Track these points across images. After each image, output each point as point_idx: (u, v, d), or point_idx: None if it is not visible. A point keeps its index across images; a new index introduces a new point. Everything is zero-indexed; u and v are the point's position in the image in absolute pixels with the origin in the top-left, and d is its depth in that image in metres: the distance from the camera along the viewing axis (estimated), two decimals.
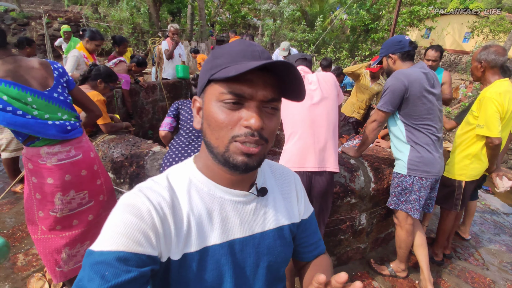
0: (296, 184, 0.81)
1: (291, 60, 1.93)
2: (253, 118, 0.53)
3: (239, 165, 0.56)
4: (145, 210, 0.53)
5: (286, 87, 0.59)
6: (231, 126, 0.55)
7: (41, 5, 15.69)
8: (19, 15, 10.39)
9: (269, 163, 0.80)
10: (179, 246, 0.57)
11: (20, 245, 2.29)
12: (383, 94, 1.93)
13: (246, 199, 0.66)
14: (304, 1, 13.64)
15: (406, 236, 2.05)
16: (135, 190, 0.58)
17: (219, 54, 0.58)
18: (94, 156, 1.68)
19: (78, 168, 1.57)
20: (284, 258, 0.73)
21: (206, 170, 0.64)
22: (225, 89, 0.54)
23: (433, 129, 1.89)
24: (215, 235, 0.61)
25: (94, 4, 11.34)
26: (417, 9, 8.89)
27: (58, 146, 1.49)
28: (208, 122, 0.57)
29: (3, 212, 2.70)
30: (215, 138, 0.56)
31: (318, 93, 1.71)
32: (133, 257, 0.49)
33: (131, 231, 0.51)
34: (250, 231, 0.66)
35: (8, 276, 2.00)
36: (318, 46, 9.58)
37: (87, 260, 0.49)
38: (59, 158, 1.50)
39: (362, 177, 2.07)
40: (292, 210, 0.76)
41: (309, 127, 1.68)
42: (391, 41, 1.96)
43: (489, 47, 2.00)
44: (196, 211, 0.60)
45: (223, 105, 0.55)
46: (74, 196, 1.57)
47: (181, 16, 12.08)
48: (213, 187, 0.63)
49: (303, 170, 1.64)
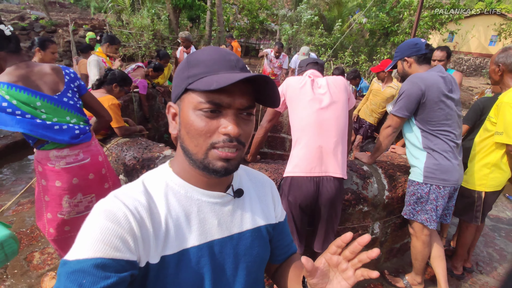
0: (272, 189, 0.83)
1: (303, 64, 1.91)
2: (231, 126, 0.55)
3: (219, 170, 0.58)
4: (122, 215, 0.53)
5: (262, 96, 0.61)
6: (210, 134, 0.56)
7: (69, 13, 16.49)
8: (47, 23, 10.96)
9: (245, 169, 0.82)
10: (157, 249, 0.57)
11: (37, 244, 2.37)
12: (398, 98, 1.86)
13: (223, 200, 0.67)
14: (322, 6, 13.57)
15: (423, 247, 1.95)
16: (110, 196, 0.57)
17: (194, 62, 0.58)
18: (103, 160, 1.71)
19: (85, 172, 1.60)
20: (262, 259, 0.74)
21: (183, 173, 0.64)
22: (204, 98, 0.55)
23: (452, 135, 1.80)
24: (193, 236, 0.61)
25: (117, 12, 11.78)
26: (439, 13, 8.63)
27: (66, 150, 1.54)
28: (186, 129, 0.58)
29: (23, 211, 2.81)
30: (194, 145, 0.58)
31: (327, 97, 1.68)
32: (112, 263, 0.48)
33: (108, 236, 0.50)
34: (228, 231, 0.67)
35: (24, 274, 2.08)
36: (336, 50, 9.47)
37: (63, 270, 0.48)
38: (67, 162, 1.54)
39: (376, 184, 2.00)
40: (268, 212, 0.77)
41: (316, 132, 1.64)
42: (407, 44, 1.90)
43: (509, 49, 1.89)
44: (173, 213, 0.60)
45: (201, 113, 0.56)
46: (82, 199, 1.61)
47: (199, 22, 12.33)
48: (190, 189, 0.63)
49: (310, 175, 1.60)
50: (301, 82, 1.74)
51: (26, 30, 10.42)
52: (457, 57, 17.94)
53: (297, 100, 1.72)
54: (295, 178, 1.62)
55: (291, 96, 1.75)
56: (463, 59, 17.84)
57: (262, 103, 0.63)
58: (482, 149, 2.02)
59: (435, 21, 8.81)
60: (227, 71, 0.57)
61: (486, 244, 2.83)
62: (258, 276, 0.74)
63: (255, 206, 0.74)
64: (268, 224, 0.76)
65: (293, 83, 1.75)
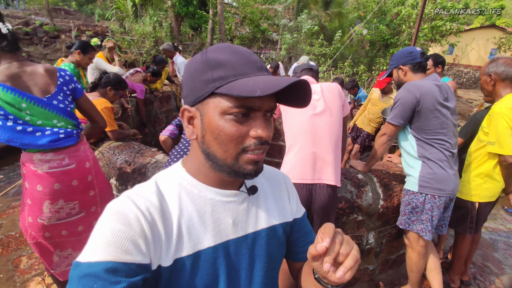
0: (287, 184, 0.80)
1: (297, 70, 1.90)
2: (262, 129, 0.55)
3: (250, 173, 0.57)
4: (133, 217, 0.52)
5: (292, 98, 0.60)
6: (241, 138, 0.55)
7: (74, 20, 16.73)
8: (50, 29, 11.07)
9: None
10: (169, 252, 0.55)
11: (25, 248, 2.33)
12: (393, 106, 1.85)
13: (237, 199, 0.65)
14: (323, 17, 13.74)
15: (418, 258, 1.90)
16: (122, 197, 0.56)
17: (215, 63, 0.55)
18: (90, 166, 1.66)
19: (69, 178, 1.55)
20: (278, 258, 0.72)
21: (196, 173, 0.63)
22: (235, 103, 0.53)
23: (447, 144, 1.77)
24: (208, 237, 0.60)
25: (120, 19, 11.93)
26: (439, 24, 8.70)
27: (51, 154, 1.49)
28: (214, 135, 0.56)
29: (14, 214, 2.77)
30: (223, 151, 0.56)
31: (321, 103, 1.66)
32: (122, 267, 0.48)
33: (119, 239, 0.49)
34: (243, 231, 0.65)
35: (10, 278, 2.02)
36: (336, 60, 9.53)
37: (74, 273, 0.47)
38: (50, 166, 1.49)
39: (370, 193, 1.97)
40: (284, 209, 0.75)
41: (310, 138, 1.62)
42: (402, 53, 1.89)
43: (497, 59, 1.88)
44: (186, 214, 0.59)
45: (231, 118, 0.54)
46: (63, 205, 1.55)
47: (201, 31, 12.46)
48: (203, 189, 0.62)
49: (303, 182, 1.57)
50: None
51: (29, 35, 10.53)
52: (456, 70, 18.05)
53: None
54: None
55: None
56: (463, 71, 17.94)
57: (291, 105, 0.62)
58: (475, 159, 2.00)
59: (435, 32, 8.89)
60: (257, 73, 0.55)
61: (484, 257, 2.77)
62: (273, 276, 0.72)
63: (270, 204, 0.72)
64: (284, 223, 0.73)
65: None
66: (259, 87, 0.49)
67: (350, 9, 12.09)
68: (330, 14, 13.59)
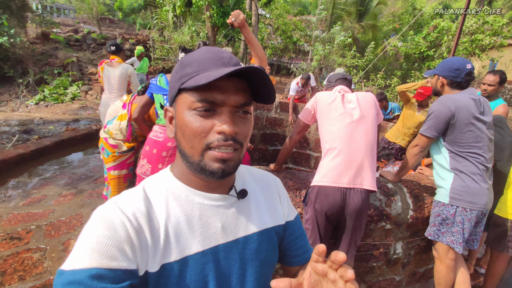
0: (277, 186, 0.79)
1: (332, 79, 1.99)
2: (226, 124, 0.54)
3: (216, 171, 0.56)
4: (119, 223, 0.51)
5: (257, 91, 0.60)
6: (205, 134, 0.55)
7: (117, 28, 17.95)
8: (98, 36, 12.03)
9: (248, 168, 0.79)
10: (156, 257, 0.54)
11: (74, 232, 2.58)
12: (427, 118, 1.88)
13: (226, 203, 0.64)
14: (357, 29, 13.66)
15: (447, 272, 1.89)
16: (108, 203, 0.56)
17: (187, 62, 0.58)
18: (171, 146, 1.99)
19: (154, 146, 1.99)
20: (271, 263, 0.70)
21: (183, 177, 0.63)
22: (197, 97, 0.54)
23: (481, 158, 1.77)
24: (196, 242, 0.58)
25: (160, 28, 12.67)
26: (479, 38, 8.36)
27: (157, 127, 2.05)
28: (182, 131, 0.57)
29: (64, 202, 3.07)
30: (190, 147, 0.56)
31: (357, 111, 1.74)
32: (108, 273, 0.47)
33: (104, 246, 0.48)
34: (233, 235, 0.63)
35: (61, 258, 2.27)
36: (368, 72, 9.44)
37: (58, 281, 0.46)
38: (153, 134, 2.02)
39: (400, 202, 1.99)
40: (276, 212, 0.74)
41: (347, 145, 1.69)
42: (449, 65, 1.84)
43: None
44: (174, 219, 0.58)
45: (196, 113, 0.55)
46: (144, 164, 2.03)
47: (235, 40, 12.89)
48: (191, 193, 0.61)
49: (338, 186, 1.65)
50: (331, 96, 1.82)
51: (79, 42, 11.49)
52: None
53: (327, 113, 1.80)
54: (322, 187, 1.66)
55: (321, 110, 1.83)
56: (506, 88, 16.88)
57: (259, 101, 0.62)
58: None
59: (474, 46, 8.54)
60: (219, 67, 0.56)
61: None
62: (266, 281, 0.69)
63: (261, 207, 0.71)
64: (277, 226, 0.72)
65: (323, 98, 1.84)
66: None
67: (385, 22, 11.93)
68: (364, 26, 13.49)
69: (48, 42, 10.77)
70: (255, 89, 0.59)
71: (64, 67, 9.84)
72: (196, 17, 12.11)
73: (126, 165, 2.47)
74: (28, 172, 3.82)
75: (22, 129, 5.72)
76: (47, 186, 3.44)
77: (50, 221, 2.69)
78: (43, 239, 2.46)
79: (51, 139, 4.70)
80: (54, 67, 9.73)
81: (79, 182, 3.59)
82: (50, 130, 5.83)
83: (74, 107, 8.03)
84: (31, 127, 5.92)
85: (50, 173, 3.82)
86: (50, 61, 9.94)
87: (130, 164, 2.49)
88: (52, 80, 9.20)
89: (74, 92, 8.82)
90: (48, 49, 10.39)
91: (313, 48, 11.53)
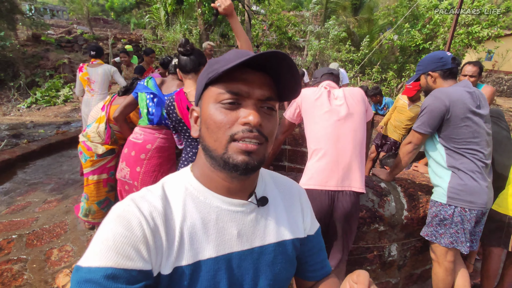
0: (301, 197, 0.75)
1: (318, 75, 1.89)
2: (251, 115, 0.53)
3: (239, 164, 0.53)
4: (136, 222, 0.51)
5: (282, 85, 0.59)
6: (229, 125, 0.54)
7: (111, 29, 17.76)
8: (90, 37, 11.89)
9: (271, 174, 0.76)
10: (170, 259, 0.53)
11: (57, 241, 2.48)
12: (420, 114, 1.78)
13: (244, 209, 0.62)
14: (352, 23, 13.50)
15: (445, 274, 1.79)
16: (127, 200, 0.56)
17: (215, 61, 0.59)
18: (150, 149, 1.94)
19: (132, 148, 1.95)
20: (286, 277, 0.67)
21: (203, 178, 0.61)
22: (222, 89, 0.55)
23: (480, 155, 1.67)
24: (210, 247, 0.57)
25: (153, 27, 12.52)
26: (476, 30, 8.23)
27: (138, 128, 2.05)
28: (206, 125, 0.56)
29: (50, 209, 2.96)
30: (214, 140, 0.55)
31: (344, 108, 1.64)
32: (123, 273, 0.47)
33: (120, 244, 0.48)
34: (249, 244, 0.61)
35: (42, 269, 2.17)
36: (364, 66, 9.32)
37: (75, 277, 0.47)
38: (133, 136, 2.00)
39: (393, 203, 1.89)
40: (296, 224, 0.70)
41: (334, 144, 1.59)
42: (431, 58, 1.81)
43: None
44: (189, 220, 0.57)
45: (221, 105, 0.55)
46: (123, 167, 1.98)
47: (229, 38, 12.74)
48: (209, 196, 0.60)
49: (326, 189, 1.55)
50: (316, 93, 1.72)
51: (70, 43, 11.36)
52: (496, 77, 16.93)
53: (312, 111, 1.69)
54: (309, 191, 1.56)
55: (306, 108, 1.72)
56: (503, 78, 16.79)
57: (286, 97, 0.62)
58: None
59: (471, 38, 8.41)
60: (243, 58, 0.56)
61: None
62: None
63: (281, 217, 0.67)
64: (295, 239, 0.69)
65: (308, 95, 1.73)
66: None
67: (380, 15, 11.78)
68: (359, 20, 13.34)
69: (39, 44, 10.61)
70: (281, 82, 0.59)
71: (56, 69, 9.70)
72: (188, 15, 11.93)
73: (106, 169, 2.37)
74: (13, 178, 3.70)
75: (12, 133, 5.60)
76: (32, 192, 3.33)
77: (33, 230, 2.58)
78: (24, 249, 2.36)
79: (38, 143, 4.58)
80: (46, 69, 9.59)
81: (65, 187, 3.48)
82: (40, 133, 5.71)
83: (67, 109, 7.90)
84: (21, 131, 5.79)
85: (36, 179, 3.70)
86: (41, 63, 9.79)
87: (111, 168, 2.39)
88: (44, 82, 9.07)
89: (67, 94, 8.67)
90: (39, 51, 10.24)
91: (308, 43, 11.40)
